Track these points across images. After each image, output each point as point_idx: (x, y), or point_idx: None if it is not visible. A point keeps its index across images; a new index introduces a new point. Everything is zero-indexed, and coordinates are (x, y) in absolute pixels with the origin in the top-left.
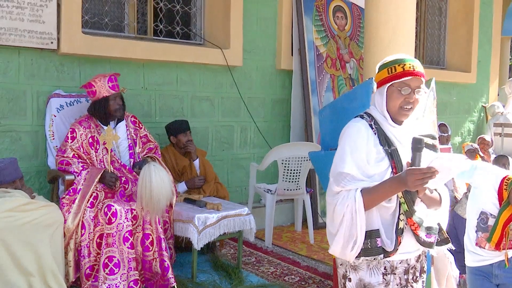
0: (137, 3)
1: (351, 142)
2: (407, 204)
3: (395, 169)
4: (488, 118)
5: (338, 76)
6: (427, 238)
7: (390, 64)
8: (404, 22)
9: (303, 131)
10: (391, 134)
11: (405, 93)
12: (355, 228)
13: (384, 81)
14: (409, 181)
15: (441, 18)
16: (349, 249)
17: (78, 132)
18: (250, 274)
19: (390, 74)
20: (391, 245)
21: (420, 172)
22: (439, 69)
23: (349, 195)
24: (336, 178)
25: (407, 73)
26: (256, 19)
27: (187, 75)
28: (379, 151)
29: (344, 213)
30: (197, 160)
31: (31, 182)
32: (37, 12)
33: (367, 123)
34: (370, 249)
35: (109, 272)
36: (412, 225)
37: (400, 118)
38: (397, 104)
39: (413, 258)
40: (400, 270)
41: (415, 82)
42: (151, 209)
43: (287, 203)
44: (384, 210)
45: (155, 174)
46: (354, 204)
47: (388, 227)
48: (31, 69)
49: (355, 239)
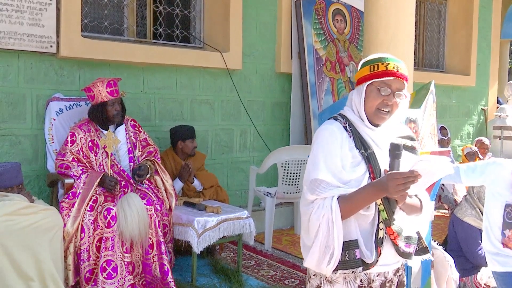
0: (136, 7)
1: (324, 146)
2: (386, 212)
3: (373, 174)
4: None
5: (337, 79)
6: (406, 248)
7: (373, 61)
8: (403, 25)
9: (302, 134)
10: (367, 137)
11: (384, 94)
12: (332, 239)
13: (364, 79)
14: (390, 186)
15: (440, 21)
16: (325, 263)
17: (77, 136)
18: (250, 277)
19: (372, 72)
20: (371, 257)
21: (402, 176)
22: (439, 72)
23: (325, 203)
24: (310, 185)
25: (390, 73)
26: (255, 23)
27: (186, 79)
28: (354, 155)
29: (320, 223)
30: (195, 181)
31: (31, 186)
32: (36, 16)
33: (341, 125)
34: (348, 261)
35: (107, 276)
36: (392, 234)
37: (376, 121)
38: (374, 104)
39: (391, 271)
40: (376, 284)
41: (396, 84)
42: (137, 238)
43: (287, 206)
44: (362, 218)
45: (129, 209)
46: (330, 214)
47: (367, 237)
48: (30, 73)
49: (332, 251)
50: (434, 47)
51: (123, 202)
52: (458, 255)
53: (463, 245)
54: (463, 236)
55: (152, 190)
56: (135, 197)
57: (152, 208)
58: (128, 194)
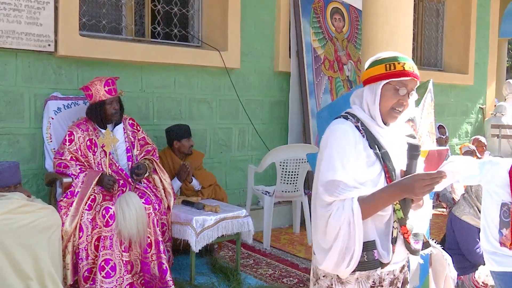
0: (134, 6)
1: (338, 146)
2: (402, 211)
3: (388, 173)
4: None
5: (336, 78)
6: (416, 245)
7: (388, 60)
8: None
9: (301, 133)
10: (379, 136)
11: (402, 94)
12: (353, 241)
13: (379, 78)
14: (417, 187)
15: (439, 20)
16: (344, 265)
17: (76, 135)
18: (249, 276)
19: (389, 71)
20: (387, 256)
21: (430, 177)
22: (437, 71)
23: (345, 206)
24: (327, 187)
25: (407, 73)
26: (253, 21)
27: (185, 78)
28: (369, 155)
29: (341, 226)
30: (193, 181)
31: (29, 185)
32: (34, 15)
33: (353, 125)
34: (366, 262)
35: (105, 275)
36: (406, 233)
37: (388, 120)
38: (389, 104)
39: (398, 268)
40: (386, 282)
41: (412, 84)
42: (135, 237)
43: (285, 205)
44: (379, 219)
45: (127, 208)
46: (352, 216)
47: (383, 237)
48: (28, 72)
49: (352, 253)
50: (432, 45)
51: (121, 201)
52: (456, 254)
53: (461, 244)
54: (461, 235)
55: (150, 189)
56: (133, 196)
57: (150, 207)
58: (126, 193)
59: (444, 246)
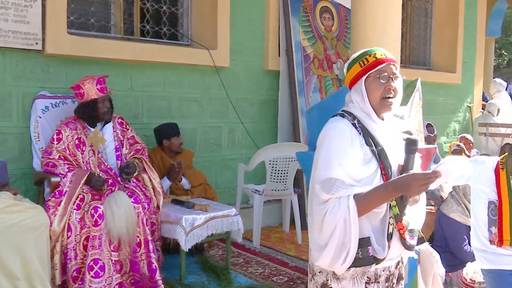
0: (123, 4)
1: (335, 144)
2: (398, 208)
3: (384, 170)
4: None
5: (325, 77)
6: (411, 241)
7: (360, 57)
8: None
9: (290, 131)
10: (375, 133)
11: (384, 81)
12: (349, 238)
13: (358, 76)
14: (413, 186)
15: (427, 19)
16: (340, 261)
17: (64, 134)
18: (239, 275)
19: (363, 66)
20: (383, 252)
21: (425, 177)
22: (425, 69)
23: (341, 203)
24: (324, 184)
25: (381, 61)
26: (243, 20)
27: (174, 76)
28: (365, 152)
29: (336, 223)
30: (183, 180)
31: (17, 185)
32: (21, 13)
33: (350, 123)
34: (361, 258)
35: (94, 275)
36: (401, 229)
37: (383, 111)
38: (378, 95)
39: (393, 264)
40: (382, 278)
41: (390, 68)
42: (125, 237)
43: (275, 204)
44: (373, 215)
45: (116, 207)
46: (348, 214)
47: (378, 233)
48: (16, 70)
49: (347, 250)
50: (420, 44)
51: (110, 200)
52: (444, 251)
53: (449, 241)
54: (449, 232)
55: (139, 188)
56: (122, 195)
57: (139, 206)
58: (115, 192)
59: (432, 244)
